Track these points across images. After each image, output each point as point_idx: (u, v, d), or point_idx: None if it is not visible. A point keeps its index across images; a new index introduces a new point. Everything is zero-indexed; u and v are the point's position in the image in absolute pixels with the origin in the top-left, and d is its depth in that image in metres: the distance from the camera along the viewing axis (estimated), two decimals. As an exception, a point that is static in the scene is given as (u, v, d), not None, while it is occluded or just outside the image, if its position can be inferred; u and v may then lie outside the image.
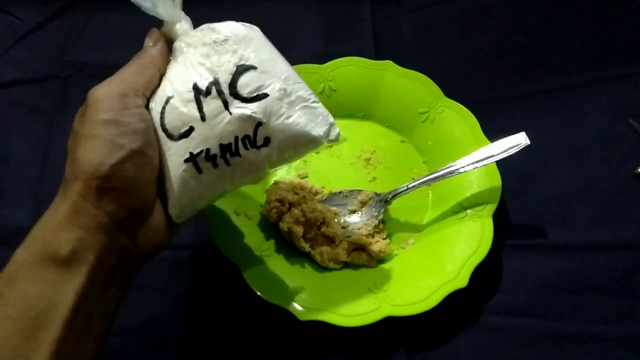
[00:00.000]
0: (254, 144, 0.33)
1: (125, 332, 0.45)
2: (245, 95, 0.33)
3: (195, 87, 0.33)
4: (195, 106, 0.33)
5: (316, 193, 0.50)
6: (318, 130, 0.35)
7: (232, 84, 0.33)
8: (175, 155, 0.33)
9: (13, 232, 0.49)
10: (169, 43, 0.35)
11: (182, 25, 0.35)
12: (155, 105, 0.34)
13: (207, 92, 0.33)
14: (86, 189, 0.30)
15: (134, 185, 0.31)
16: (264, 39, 0.35)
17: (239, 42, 0.34)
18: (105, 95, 0.31)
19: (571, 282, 0.46)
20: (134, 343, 0.45)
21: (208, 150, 0.33)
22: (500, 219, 0.47)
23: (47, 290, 0.29)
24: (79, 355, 0.30)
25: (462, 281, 0.43)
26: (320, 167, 0.53)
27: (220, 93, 0.33)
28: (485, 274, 0.45)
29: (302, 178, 0.51)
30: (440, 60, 0.60)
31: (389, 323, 0.42)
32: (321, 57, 0.55)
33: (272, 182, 0.50)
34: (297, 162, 0.53)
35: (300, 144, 0.35)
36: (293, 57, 0.55)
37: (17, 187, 0.52)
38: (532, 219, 0.50)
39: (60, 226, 0.30)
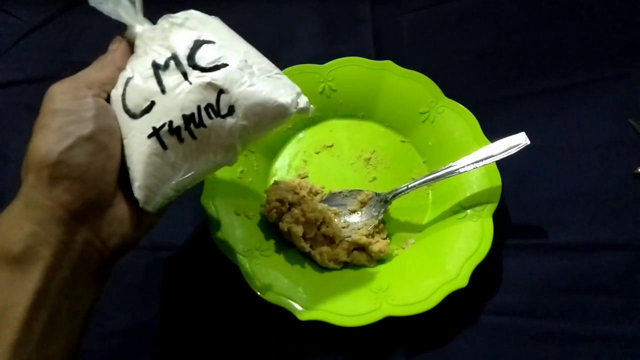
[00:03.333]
0: (217, 113, 0.33)
1: (125, 332, 0.45)
2: (204, 66, 0.33)
3: (154, 64, 0.33)
4: (155, 80, 0.33)
5: (316, 193, 0.50)
6: (285, 98, 0.34)
7: (190, 57, 0.33)
8: (139, 133, 0.33)
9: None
10: (132, 46, 0.35)
11: (144, 27, 0.35)
12: (117, 89, 0.34)
13: (166, 66, 0.33)
14: (37, 180, 0.30)
15: (87, 173, 0.31)
16: (223, 25, 0.36)
17: (197, 23, 0.34)
18: (57, 89, 0.32)
19: (571, 282, 0.46)
20: (134, 343, 0.45)
21: (171, 122, 0.32)
22: (500, 219, 0.47)
23: (2, 290, 0.28)
24: (45, 357, 0.29)
25: (462, 281, 0.43)
26: (320, 167, 0.53)
27: (178, 65, 0.33)
28: (485, 274, 0.45)
29: (302, 178, 0.51)
30: (440, 60, 0.60)
31: (389, 323, 0.42)
32: (321, 57, 0.55)
33: (272, 182, 0.50)
34: (297, 162, 0.53)
35: (268, 112, 0.34)
36: (293, 57, 0.55)
37: (17, 187, 0.52)
38: (532, 219, 0.50)
39: (12, 223, 0.29)
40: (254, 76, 0.33)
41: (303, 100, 0.35)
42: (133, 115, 0.33)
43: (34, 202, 0.29)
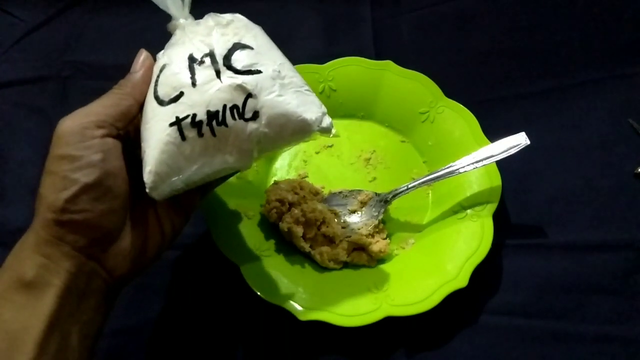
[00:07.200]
0: (241, 115, 0.33)
1: (125, 332, 0.45)
2: (238, 68, 0.33)
3: (190, 57, 0.34)
4: (188, 73, 0.33)
5: (316, 193, 0.50)
6: (310, 114, 0.34)
7: (227, 57, 0.34)
8: (162, 120, 0.33)
9: (13, 232, 0.49)
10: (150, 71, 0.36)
11: (187, 21, 0.36)
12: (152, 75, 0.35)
13: (201, 62, 0.33)
14: (44, 222, 0.31)
15: (91, 216, 0.31)
16: (264, 34, 0.37)
17: (241, 27, 0.35)
18: (65, 130, 0.31)
19: (571, 282, 0.46)
20: (134, 343, 0.45)
21: (194, 115, 0.33)
22: (500, 219, 0.47)
23: (18, 313, 0.30)
24: None
25: (462, 281, 0.43)
26: (320, 167, 0.53)
27: (214, 62, 0.33)
28: (485, 274, 0.45)
29: (302, 178, 0.51)
30: (440, 60, 0.60)
31: (389, 323, 0.42)
32: (321, 57, 0.55)
33: (272, 182, 0.50)
34: (297, 162, 0.53)
35: (290, 125, 0.34)
36: (293, 57, 0.54)
37: (17, 187, 0.52)
38: (532, 219, 0.50)
39: (25, 254, 0.31)
40: (284, 87, 0.34)
41: (327, 121, 0.35)
42: (160, 102, 0.33)
43: (42, 239, 0.31)
